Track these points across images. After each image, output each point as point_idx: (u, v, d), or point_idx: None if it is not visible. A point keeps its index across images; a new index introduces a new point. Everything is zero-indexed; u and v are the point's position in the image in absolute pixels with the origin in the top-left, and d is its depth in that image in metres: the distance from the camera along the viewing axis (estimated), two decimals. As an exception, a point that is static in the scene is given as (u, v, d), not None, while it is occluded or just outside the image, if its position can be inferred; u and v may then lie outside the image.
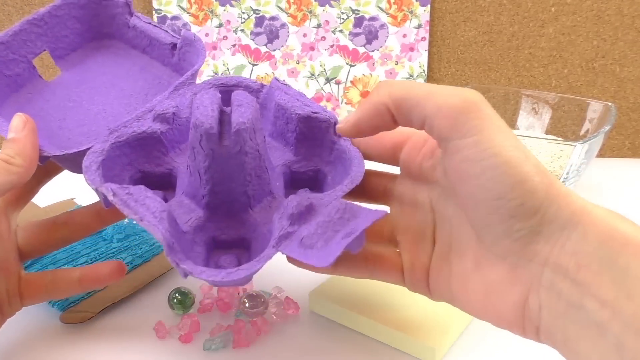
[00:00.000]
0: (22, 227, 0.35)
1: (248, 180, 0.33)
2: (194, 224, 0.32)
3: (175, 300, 0.39)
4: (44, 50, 0.42)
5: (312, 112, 0.35)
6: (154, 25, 0.43)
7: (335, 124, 0.35)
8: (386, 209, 0.30)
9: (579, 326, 0.22)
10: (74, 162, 0.35)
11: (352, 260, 0.30)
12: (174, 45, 0.42)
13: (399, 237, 0.30)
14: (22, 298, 0.34)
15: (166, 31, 0.43)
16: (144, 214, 0.29)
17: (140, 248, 0.46)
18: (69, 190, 0.54)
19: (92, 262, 0.43)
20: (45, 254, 0.38)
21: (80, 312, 0.38)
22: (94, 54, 0.44)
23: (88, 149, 0.33)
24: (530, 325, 0.24)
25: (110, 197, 0.30)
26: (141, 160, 0.35)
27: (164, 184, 0.35)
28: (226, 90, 0.36)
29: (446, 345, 0.36)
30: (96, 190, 0.31)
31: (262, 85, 0.38)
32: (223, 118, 0.31)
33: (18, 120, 0.32)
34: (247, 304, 0.38)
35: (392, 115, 0.27)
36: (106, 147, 0.33)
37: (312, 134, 0.36)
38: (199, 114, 0.30)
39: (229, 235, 0.33)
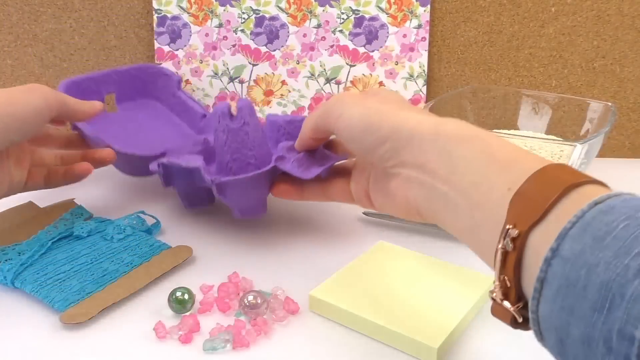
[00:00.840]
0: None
1: (254, 146, 0.49)
2: None
3: (175, 300, 0.39)
4: (113, 92, 0.62)
5: (292, 118, 0.54)
6: (192, 99, 0.64)
7: None
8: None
9: (437, 202, 0.32)
10: (128, 161, 0.54)
11: (314, 187, 0.45)
12: (204, 115, 0.61)
13: (353, 172, 0.42)
14: (25, 184, 0.49)
15: (199, 104, 0.63)
16: (187, 160, 0.48)
17: (140, 248, 0.46)
18: (69, 193, 0.54)
19: (92, 262, 0.43)
20: None
21: (80, 312, 0.38)
22: (142, 107, 0.64)
23: (145, 156, 0.53)
24: (415, 211, 0.34)
25: (165, 161, 0.49)
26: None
27: None
28: None
29: (447, 346, 0.36)
30: (157, 168, 0.50)
31: None
32: (232, 115, 0.49)
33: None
34: (247, 304, 0.38)
35: (317, 139, 0.43)
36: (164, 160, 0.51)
37: (296, 132, 0.51)
38: (217, 107, 0.48)
39: None
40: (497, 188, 0.28)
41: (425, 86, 0.69)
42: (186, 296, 0.39)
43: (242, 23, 0.69)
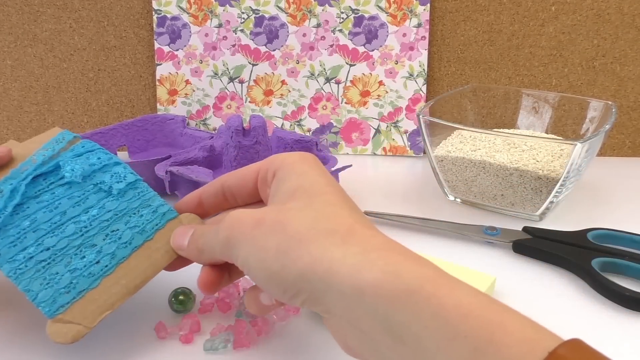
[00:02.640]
0: None
1: None
2: None
3: (176, 300, 0.39)
4: (124, 145, 0.65)
5: (300, 137, 0.57)
6: (199, 131, 0.66)
7: (316, 143, 0.58)
8: None
9: None
10: (137, 171, 0.49)
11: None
12: (212, 137, 0.63)
13: None
14: None
15: (207, 132, 0.65)
16: (197, 174, 0.49)
17: (141, 215, 0.36)
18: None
19: (82, 234, 0.35)
20: None
21: (71, 323, 0.32)
22: (154, 155, 0.66)
23: (153, 159, 0.54)
24: (359, 356, 0.27)
25: (175, 170, 0.50)
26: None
27: None
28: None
29: None
30: (164, 174, 0.51)
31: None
32: (245, 131, 0.52)
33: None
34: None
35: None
36: (169, 163, 0.53)
37: (303, 151, 0.56)
38: (231, 121, 0.51)
39: None
40: None
41: (425, 85, 0.69)
42: (187, 296, 0.39)
43: (241, 23, 0.69)
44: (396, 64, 0.69)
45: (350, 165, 0.56)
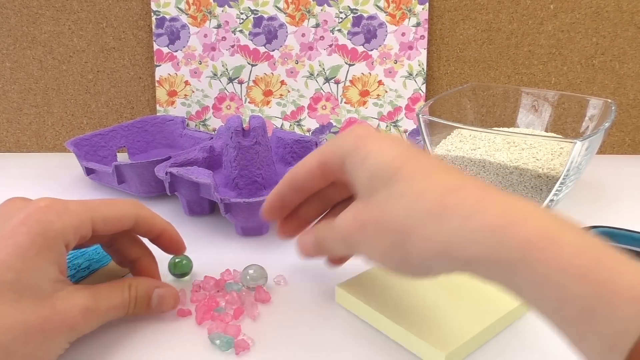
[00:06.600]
0: None
1: (262, 165, 0.52)
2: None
3: (174, 265, 0.42)
4: (124, 146, 0.66)
5: (300, 137, 0.58)
6: (198, 132, 0.67)
7: (316, 143, 0.58)
8: None
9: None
10: (137, 172, 0.55)
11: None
12: (211, 138, 0.64)
13: None
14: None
15: (206, 133, 0.66)
16: (198, 175, 0.49)
17: (98, 253, 0.43)
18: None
19: None
20: None
21: None
22: (154, 156, 0.66)
23: (151, 161, 0.54)
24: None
25: (175, 171, 0.50)
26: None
27: None
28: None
29: (459, 356, 0.34)
30: (164, 175, 0.51)
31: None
32: (244, 132, 0.51)
33: None
34: (249, 278, 0.41)
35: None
36: (169, 164, 0.53)
37: (303, 151, 0.58)
38: (231, 121, 0.50)
39: None
40: (590, 344, 0.22)
41: (424, 84, 0.69)
42: (184, 261, 0.42)
43: (240, 23, 0.69)
44: (395, 63, 0.69)
45: None
